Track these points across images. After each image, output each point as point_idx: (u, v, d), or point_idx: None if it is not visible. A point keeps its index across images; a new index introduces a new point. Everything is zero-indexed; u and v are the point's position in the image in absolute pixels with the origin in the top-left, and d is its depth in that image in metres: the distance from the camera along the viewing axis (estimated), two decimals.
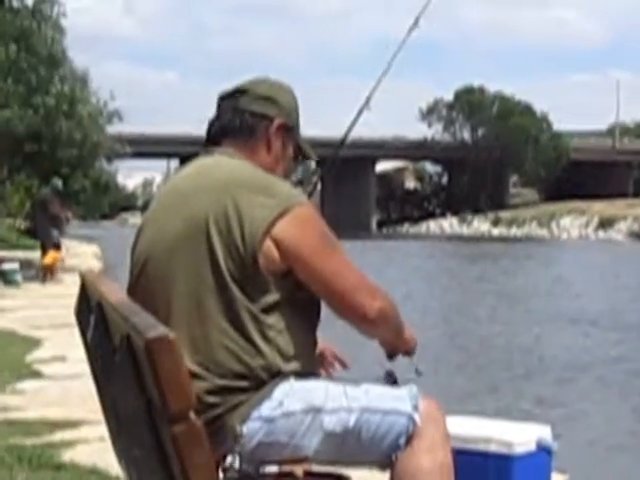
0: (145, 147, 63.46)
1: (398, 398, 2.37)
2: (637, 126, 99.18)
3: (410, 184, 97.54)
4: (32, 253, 22.91)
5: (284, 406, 2.25)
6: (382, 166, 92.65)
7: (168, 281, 2.31)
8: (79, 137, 23.62)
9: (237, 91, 2.52)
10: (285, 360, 2.28)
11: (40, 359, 8.19)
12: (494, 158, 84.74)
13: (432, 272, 28.39)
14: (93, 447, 4.90)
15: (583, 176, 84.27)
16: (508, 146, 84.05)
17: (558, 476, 4.16)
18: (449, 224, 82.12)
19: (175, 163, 78.16)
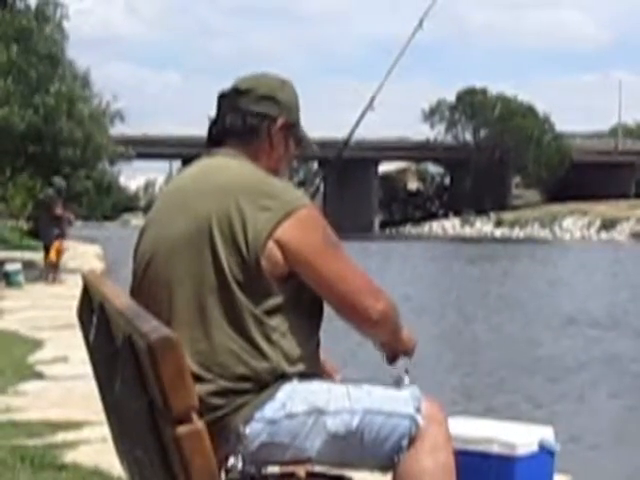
0: (147, 148, 63.53)
1: (400, 400, 2.36)
2: (639, 127, 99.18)
3: (413, 185, 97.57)
4: (35, 254, 22.93)
5: (287, 408, 2.25)
6: (385, 167, 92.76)
7: (171, 282, 2.31)
8: (80, 136, 23.61)
9: (238, 90, 2.50)
10: (289, 363, 2.28)
11: (42, 360, 8.19)
12: (496, 159, 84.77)
13: (433, 273, 28.41)
14: (95, 448, 4.90)
15: (585, 177, 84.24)
16: (510, 147, 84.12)
17: (560, 477, 4.16)
18: (451, 225, 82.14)
19: (177, 164, 78.15)
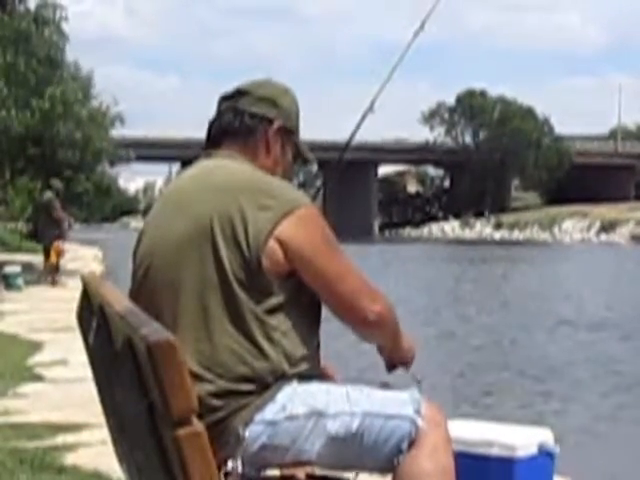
0: (147, 151, 63.53)
1: (400, 402, 2.36)
2: (639, 129, 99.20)
3: (412, 188, 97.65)
4: (34, 257, 22.92)
5: (287, 410, 2.25)
6: (384, 170, 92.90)
7: (173, 284, 2.31)
8: (79, 138, 23.63)
9: (238, 92, 2.53)
10: (290, 363, 2.28)
11: (42, 363, 8.19)
12: (496, 161, 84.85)
13: (432, 276, 28.38)
14: (95, 450, 4.90)
15: (585, 179, 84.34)
16: (510, 150, 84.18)
17: (560, 479, 4.16)
18: (451, 227, 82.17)
19: (176, 167, 78.19)
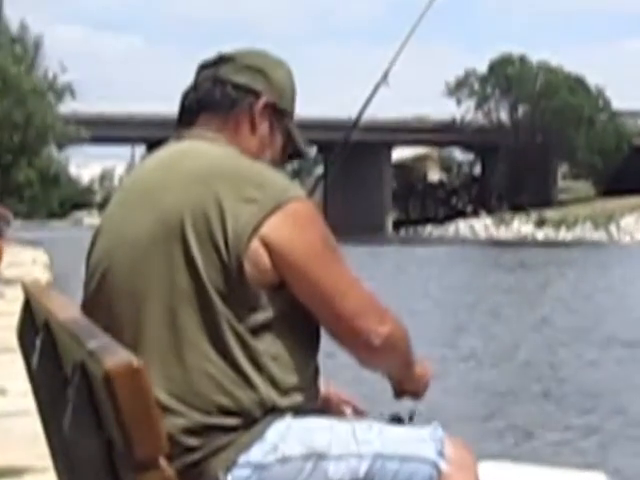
0: (104, 130, 63.63)
1: (419, 441, 2.37)
2: None
3: (434, 175, 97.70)
4: None
5: (279, 450, 2.25)
6: (400, 153, 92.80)
7: (134, 295, 2.31)
8: (20, 119, 23.64)
9: (220, 59, 2.54)
10: (281, 393, 2.28)
11: None
12: (538, 144, 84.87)
13: (459, 285, 28.37)
14: None
15: None
16: (555, 129, 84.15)
17: None
18: (483, 225, 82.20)
19: (141, 150, 78.34)
